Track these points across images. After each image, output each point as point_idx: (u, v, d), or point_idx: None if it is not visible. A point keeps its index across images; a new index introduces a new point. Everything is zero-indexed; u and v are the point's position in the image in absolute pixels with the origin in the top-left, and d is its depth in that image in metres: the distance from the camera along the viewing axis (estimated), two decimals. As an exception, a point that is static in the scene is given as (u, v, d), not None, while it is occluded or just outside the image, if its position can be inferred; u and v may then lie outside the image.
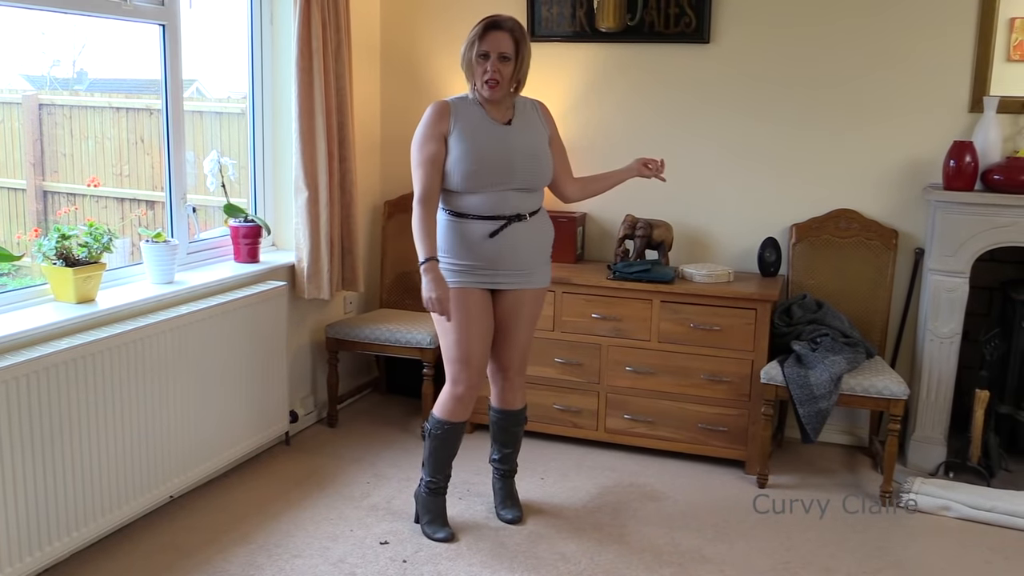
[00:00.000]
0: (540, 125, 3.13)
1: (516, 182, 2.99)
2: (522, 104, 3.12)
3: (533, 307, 3.16)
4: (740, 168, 4.18)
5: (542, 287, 3.17)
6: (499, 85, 2.96)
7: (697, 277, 3.87)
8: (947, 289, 3.73)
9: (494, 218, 2.99)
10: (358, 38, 4.34)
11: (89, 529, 2.93)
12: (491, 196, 2.97)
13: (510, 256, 3.02)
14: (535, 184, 3.05)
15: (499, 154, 2.97)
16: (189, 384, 3.30)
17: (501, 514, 3.34)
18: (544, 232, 3.14)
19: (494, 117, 3.03)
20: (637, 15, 4.18)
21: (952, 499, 3.45)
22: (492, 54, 2.94)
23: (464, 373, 3.05)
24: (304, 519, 3.30)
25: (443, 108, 3.01)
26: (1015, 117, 3.78)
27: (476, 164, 2.94)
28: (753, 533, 3.29)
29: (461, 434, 3.19)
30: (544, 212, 3.16)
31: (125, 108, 3.93)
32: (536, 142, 3.06)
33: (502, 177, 2.96)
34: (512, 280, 3.07)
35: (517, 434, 3.34)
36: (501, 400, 3.27)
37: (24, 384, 2.65)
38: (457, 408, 3.10)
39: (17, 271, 3.26)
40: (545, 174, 3.08)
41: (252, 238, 3.81)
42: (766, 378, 3.60)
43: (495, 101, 3.02)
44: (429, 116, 3.01)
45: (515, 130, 3.04)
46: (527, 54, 3.00)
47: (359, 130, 4.33)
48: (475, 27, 2.98)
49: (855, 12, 3.93)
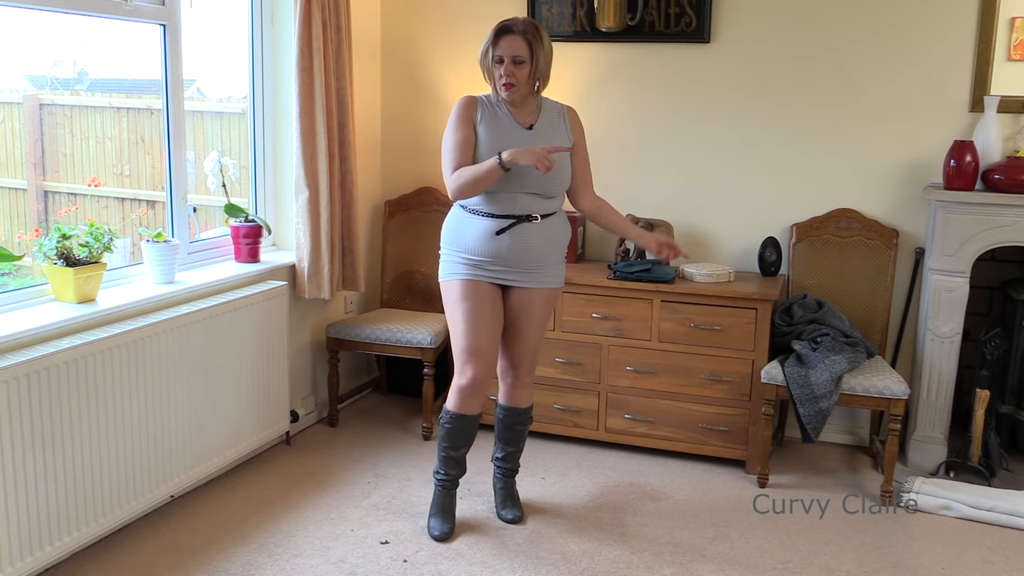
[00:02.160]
0: (564, 132, 3.11)
1: (530, 187, 2.99)
2: (549, 108, 3.12)
3: (543, 306, 3.15)
4: (740, 168, 4.18)
5: (553, 287, 3.16)
6: (515, 88, 2.97)
7: (698, 277, 3.87)
8: (947, 289, 3.73)
9: (504, 216, 3.00)
10: (359, 38, 4.34)
11: (90, 529, 2.93)
12: (504, 196, 2.99)
13: (519, 254, 3.03)
14: (549, 191, 3.04)
15: None
16: (190, 384, 3.30)
17: (501, 514, 3.34)
18: (558, 233, 3.12)
19: (517, 119, 3.05)
20: (637, 15, 4.18)
21: (953, 499, 3.46)
22: (506, 58, 2.95)
23: (470, 363, 3.04)
24: (305, 519, 3.30)
25: (471, 99, 3.07)
26: (1015, 116, 3.78)
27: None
28: (753, 533, 3.29)
29: (471, 428, 3.17)
30: (561, 214, 3.15)
31: (126, 108, 3.94)
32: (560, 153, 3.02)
33: (517, 180, 2.97)
34: (521, 278, 3.07)
35: (522, 433, 3.34)
36: (508, 397, 3.28)
37: (25, 384, 2.65)
38: (462, 399, 3.10)
39: (18, 271, 3.26)
40: (561, 183, 3.07)
41: (253, 238, 3.82)
42: (767, 378, 3.60)
43: (516, 103, 3.04)
44: (459, 105, 3.06)
45: (536, 135, 3.04)
46: (542, 54, 2.99)
47: (360, 130, 4.34)
48: (490, 33, 2.99)
49: (856, 12, 3.93)
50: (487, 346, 3.06)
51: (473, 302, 3.03)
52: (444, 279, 3.11)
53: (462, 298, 3.03)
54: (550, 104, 3.14)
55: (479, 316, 3.03)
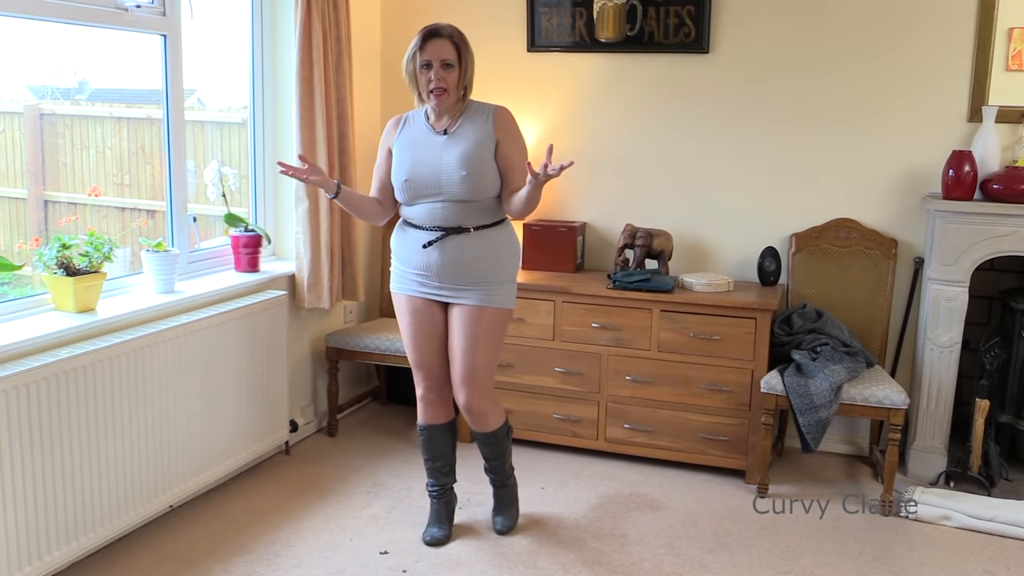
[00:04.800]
0: (485, 135, 2.94)
1: (445, 194, 2.94)
2: (475, 111, 2.99)
3: (483, 327, 3.00)
4: (740, 177, 4.19)
5: (495, 307, 3.01)
6: (446, 93, 2.91)
7: (697, 286, 3.87)
8: (947, 298, 3.73)
9: (432, 228, 2.98)
10: (359, 48, 4.36)
11: (89, 539, 2.92)
12: (426, 207, 2.98)
13: (450, 269, 2.97)
14: (466, 196, 2.92)
15: (427, 166, 2.95)
16: (189, 393, 3.30)
17: (493, 522, 3.33)
18: (498, 248, 3.01)
19: (435, 127, 3.01)
20: (637, 25, 4.20)
21: (952, 508, 3.45)
22: (435, 62, 2.90)
23: (417, 375, 3.15)
24: (304, 529, 3.30)
25: (395, 120, 3.11)
26: (1014, 127, 3.79)
27: (406, 174, 2.98)
28: (753, 543, 3.29)
29: (441, 437, 3.19)
30: (503, 228, 3.04)
31: (126, 118, 3.94)
32: (470, 154, 2.91)
33: (431, 189, 2.95)
34: (456, 295, 3.01)
35: (495, 449, 3.22)
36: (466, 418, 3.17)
37: (24, 393, 2.65)
38: (423, 410, 3.19)
39: (18, 280, 3.26)
40: (477, 188, 2.92)
41: (253, 247, 3.82)
42: (766, 387, 3.60)
43: (443, 110, 2.99)
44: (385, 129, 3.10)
45: (449, 141, 2.95)
46: (470, 60, 2.96)
47: (359, 140, 4.34)
48: (414, 38, 2.94)
49: (855, 22, 3.94)
50: (426, 360, 3.11)
51: (410, 318, 3.08)
52: (392, 290, 3.15)
53: (401, 313, 3.11)
54: (477, 106, 3.01)
55: (416, 331, 3.08)
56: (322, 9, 3.81)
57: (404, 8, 4.58)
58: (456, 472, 3.33)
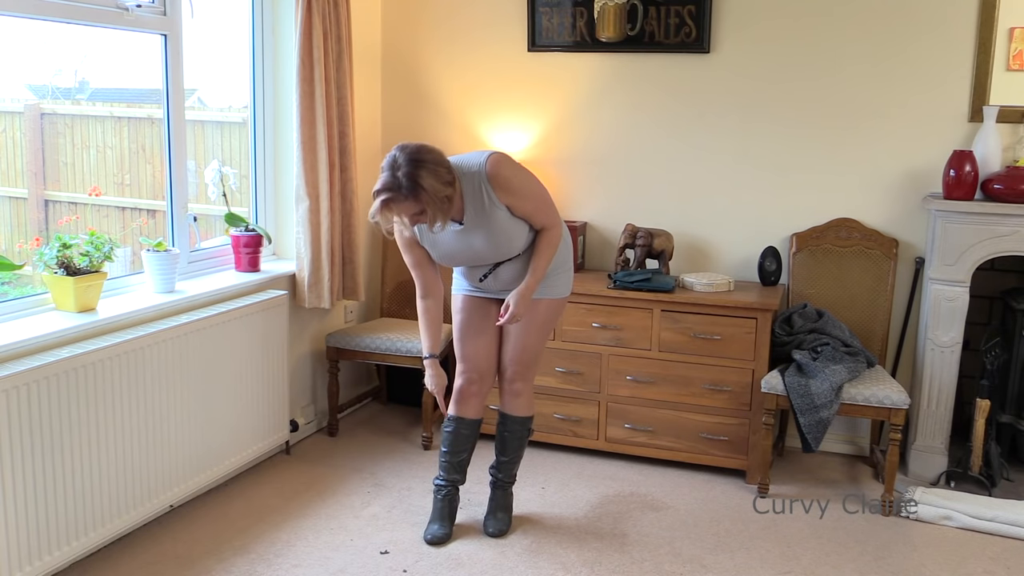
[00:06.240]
0: (493, 207, 2.92)
1: (488, 261, 3.09)
2: (469, 187, 2.90)
3: (530, 314, 3.13)
4: (740, 177, 4.18)
5: (543, 298, 3.15)
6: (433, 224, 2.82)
7: (697, 286, 3.87)
8: (947, 298, 3.73)
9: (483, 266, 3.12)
10: (359, 47, 4.36)
11: (89, 538, 2.92)
12: (471, 269, 3.16)
13: (504, 283, 3.14)
14: (507, 257, 3.06)
15: (460, 253, 3.06)
16: (190, 393, 3.30)
17: (485, 524, 3.32)
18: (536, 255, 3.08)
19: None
20: (637, 25, 4.19)
21: (953, 508, 3.45)
22: (404, 217, 2.80)
23: (460, 366, 3.25)
24: (304, 529, 3.30)
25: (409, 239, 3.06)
26: (1015, 127, 3.78)
27: (446, 259, 3.10)
28: (754, 543, 3.29)
29: (465, 433, 3.26)
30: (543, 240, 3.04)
31: (127, 117, 3.94)
32: (491, 230, 2.95)
33: (473, 263, 3.10)
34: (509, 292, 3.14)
35: (513, 442, 3.31)
36: (501, 403, 3.32)
37: (25, 393, 2.65)
38: (457, 402, 3.26)
39: (18, 280, 3.26)
40: (514, 247, 3.02)
41: (253, 247, 3.82)
42: (767, 387, 3.60)
43: None
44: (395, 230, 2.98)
45: (467, 228, 2.96)
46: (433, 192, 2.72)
47: (360, 139, 4.34)
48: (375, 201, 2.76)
49: (855, 22, 3.94)
50: (473, 353, 3.23)
51: (464, 314, 3.23)
52: (452, 291, 3.30)
53: (456, 309, 3.26)
54: (468, 179, 2.90)
55: (468, 325, 3.23)
56: (323, 8, 3.81)
57: (404, 8, 4.58)
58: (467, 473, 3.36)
